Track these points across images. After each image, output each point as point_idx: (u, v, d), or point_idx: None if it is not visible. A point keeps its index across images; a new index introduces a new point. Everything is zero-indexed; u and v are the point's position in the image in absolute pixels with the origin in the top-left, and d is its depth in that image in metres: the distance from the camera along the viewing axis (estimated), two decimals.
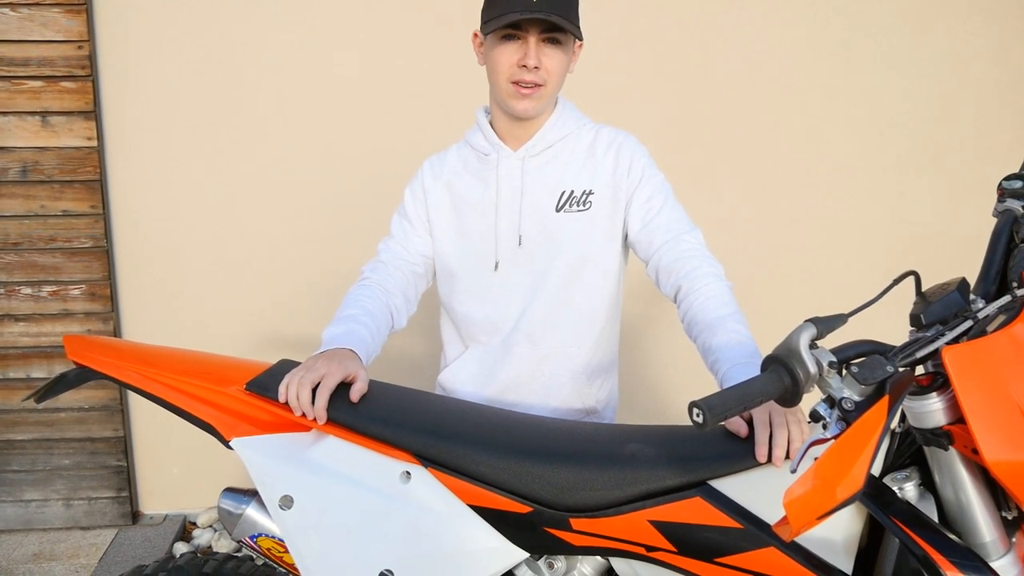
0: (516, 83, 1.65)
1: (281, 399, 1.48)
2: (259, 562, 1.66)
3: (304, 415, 1.46)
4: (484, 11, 1.67)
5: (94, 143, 3.12)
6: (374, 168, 3.20)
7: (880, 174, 3.45)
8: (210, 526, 3.40)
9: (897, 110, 3.42)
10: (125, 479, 3.37)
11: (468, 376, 1.81)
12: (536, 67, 1.63)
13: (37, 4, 3.01)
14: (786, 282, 3.44)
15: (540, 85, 1.66)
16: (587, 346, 1.78)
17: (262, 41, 3.15)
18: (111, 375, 1.55)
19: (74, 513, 3.37)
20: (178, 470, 3.46)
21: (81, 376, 1.60)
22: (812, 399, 1.40)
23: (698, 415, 1.05)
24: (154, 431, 3.41)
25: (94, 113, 3.11)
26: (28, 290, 3.19)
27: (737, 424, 1.35)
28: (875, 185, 3.46)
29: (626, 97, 3.28)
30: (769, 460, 1.30)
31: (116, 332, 3.25)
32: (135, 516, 3.44)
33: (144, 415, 3.39)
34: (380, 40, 3.18)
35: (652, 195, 1.74)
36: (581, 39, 1.69)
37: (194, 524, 3.44)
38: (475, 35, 1.75)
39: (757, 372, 1.35)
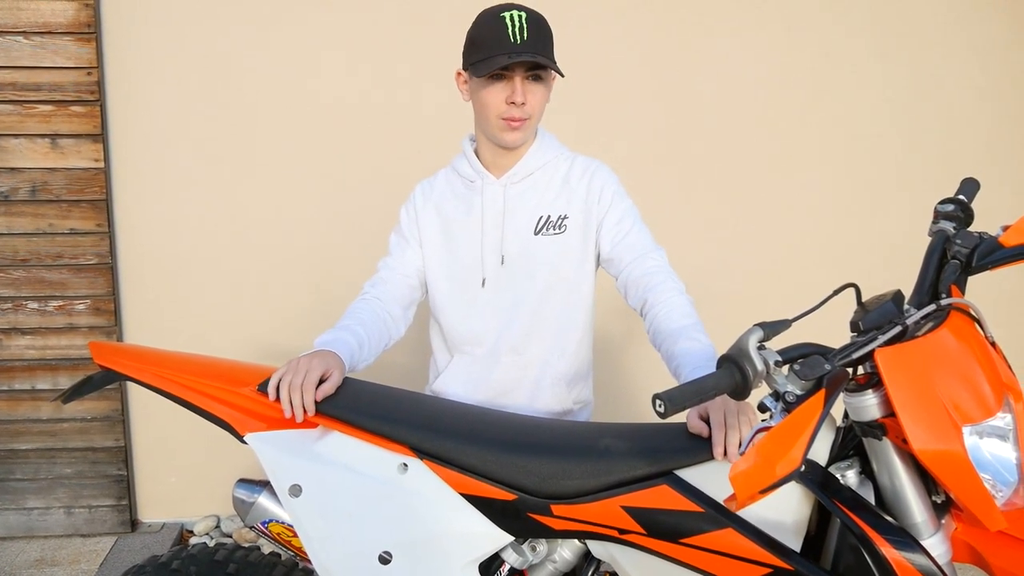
0: (506, 119, 1.81)
1: (272, 397, 1.64)
2: (266, 551, 1.80)
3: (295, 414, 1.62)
4: (469, 53, 1.83)
5: (101, 164, 3.27)
6: (371, 188, 3.36)
7: (853, 193, 3.63)
8: (206, 534, 3.52)
9: (868, 132, 3.60)
10: (125, 488, 3.49)
11: (460, 383, 1.97)
12: (523, 103, 1.79)
13: (49, 33, 3.17)
14: (763, 296, 3.60)
15: (525, 119, 1.82)
16: (566, 355, 1.95)
17: (263, 67, 3.32)
18: (134, 377, 1.70)
19: (75, 521, 3.48)
20: (176, 480, 3.57)
21: (106, 378, 1.74)
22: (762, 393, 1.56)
23: (660, 405, 1.21)
24: (153, 442, 3.53)
25: (101, 136, 3.26)
26: (35, 304, 3.33)
27: (699, 427, 1.51)
28: (848, 204, 3.64)
29: (608, 120, 3.46)
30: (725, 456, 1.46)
31: None
32: (134, 524, 3.55)
33: (144, 426, 3.51)
34: (379, 65, 3.35)
35: (621, 218, 1.92)
36: (562, 75, 1.85)
37: (191, 532, 3.56)
38: (459, 74, 1.90)
39: None
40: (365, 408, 1.62)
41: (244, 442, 1.63)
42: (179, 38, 3.27)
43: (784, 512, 1.42)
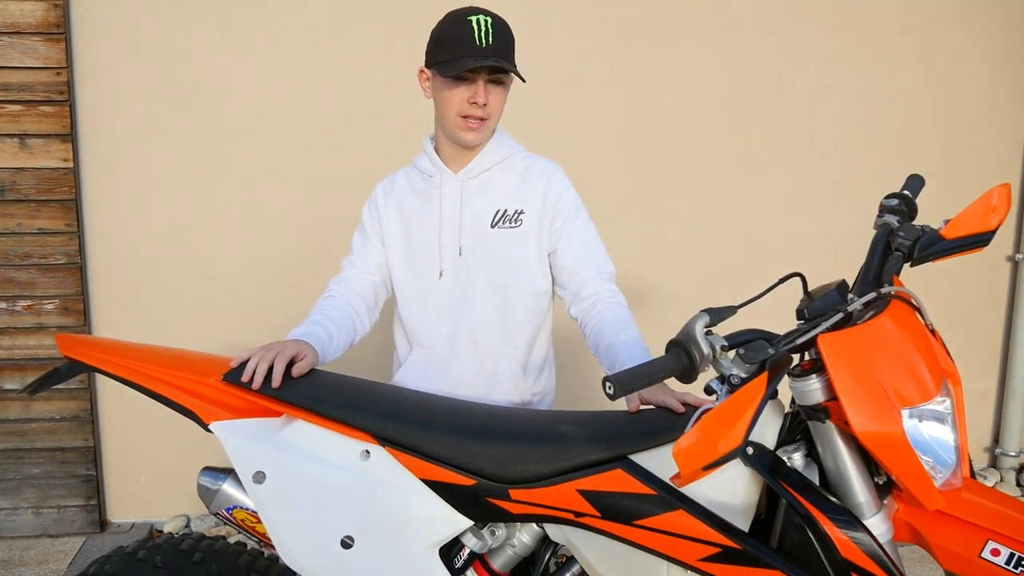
0: (465, 117, 1.88)
1: (245, 378, 1.68)
2: (232, 540, 1.83)
3: (263, 392, 1.67)
4: (435, 52, 1.88)
5: (70, 164, 3.28)
6: (339, 189, 3.39)
7: (814, 197, 3.71)
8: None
9: (830, 137, 3.69)
10: (94, 488, 3.49)
11: (420, 375, 2.02)
12: (484, 104, 1.86)
13: (18, 33, 3.18)
14: (729, 298, 3.66)
15: (485, 119, 1.89)
16: (523, 346, 2.01)
17: (232, 68, 3.34)
18: (100, 368, 1.72)
19: (43, 521, 3.48)
20: (145, 480, 3.58)
21: (72, 370, 1.76)
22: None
23: (610, 388, 1.26)
24: (123, 442, 3.53)
25: (70, 136, 3.27)
26: (3, 304, 3.32)
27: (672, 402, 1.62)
28: (810, 207, 3.72)
29: (578, 126, 3.52)
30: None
31: None
32: (103, 524, 3.55)
33: (113, 426, 3.51)
34: (346, 68, 3.39)
35: (583, 232, 2.01)
36: (524, 80, 1.90)
37: (160, 532, 3.56)
38: (421, 71, 1.96)
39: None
40: (328, 397, 1.66)
41: (209, 431, 1.66)
42: (148, 39, 3.28)
43: (734, 494, 1.47)
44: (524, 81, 1.88)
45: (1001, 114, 3.82)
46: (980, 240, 1.55)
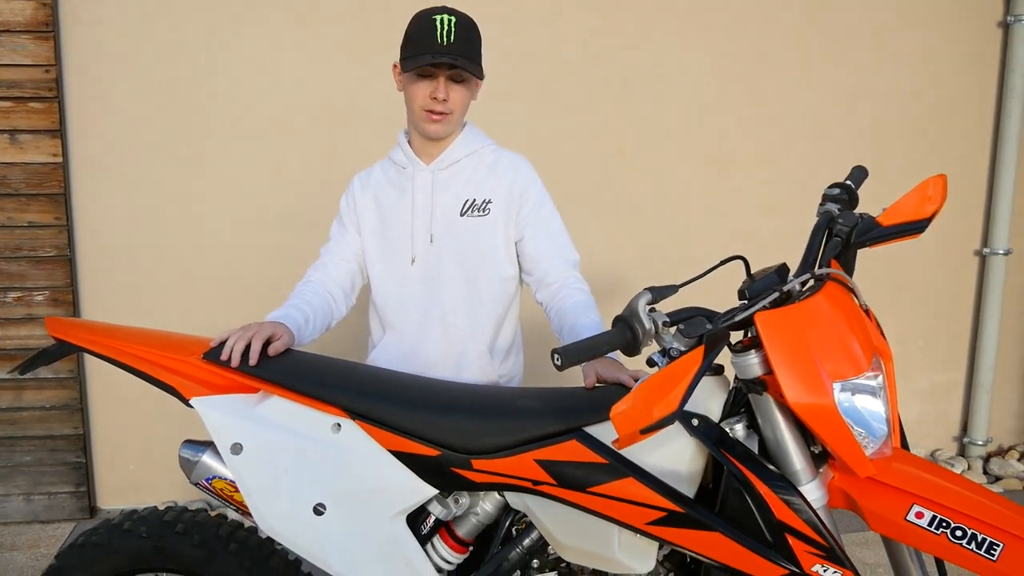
0: (428, 111, 1.99)
1: (224, 357, 1.78)
2: (213, 512, 1.92)
3: (241, 369, 1.77)
4: (403, 49, 2.01)
5: (59, 159, 3.36)
6: (320, 183, 3.47)
7: (784, 193, 3.81)
8: None
9: (798, 134, 3.79)
10: (84, 475, 3.57)
11: (392, 357, 2.12)
12: (444, 99, 1.97)
13: (8, 31, 3.26)
14: (700, 290, 3.77)
15: (447, 113, 2.00)
16: (490, 329, 2.11)
17: (218, 64, 3.43)
18: (87, 347, 1.81)
19: (34, 507, 3.56)
20: (134, 467, 3.66)
21: (60, 350, 1.86)
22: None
23: (557, 359, 1.36)
24: (112, 430, 3.61)
25: (60, 132, 3.35)
26: None
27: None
28: (779, 203, 3.82)
29: (551, 122, 3.62)
30: None
31: None
32: (92, 511, 3.63)
33: (103, 414, 3.59)
34: (328, 66, 3.48)
35: (549, 222, 2.11)
36: (482, 78, 2.01)
37: None
38: (395, 66, 2.08)
39: None
40: (302, 373, 1.76)
41: (190, 406, 1.76)
42: (135, 37, 3.37)
43: (680, 463, 1.57)
44: (481, 79, 2.00)
45: (967, 113, 3.94)
46: (915, 227, 1.65)
